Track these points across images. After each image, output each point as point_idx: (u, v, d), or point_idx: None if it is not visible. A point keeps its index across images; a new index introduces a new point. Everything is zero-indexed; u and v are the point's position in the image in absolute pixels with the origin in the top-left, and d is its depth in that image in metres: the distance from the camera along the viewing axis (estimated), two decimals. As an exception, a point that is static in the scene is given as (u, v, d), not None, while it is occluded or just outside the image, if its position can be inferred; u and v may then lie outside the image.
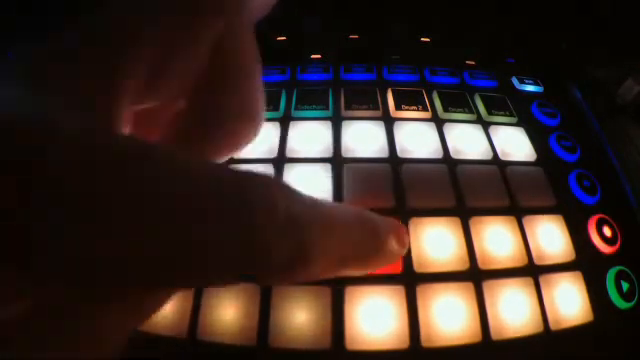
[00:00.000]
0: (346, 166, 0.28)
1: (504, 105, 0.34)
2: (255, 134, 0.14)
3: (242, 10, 0.13)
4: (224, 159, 0.14)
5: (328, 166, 0.28)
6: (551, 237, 0.27)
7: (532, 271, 0.25)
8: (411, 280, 0.24)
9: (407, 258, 0.24)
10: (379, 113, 0.32)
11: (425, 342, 0.22)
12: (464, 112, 0.33)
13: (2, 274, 0.07)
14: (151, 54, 0.11)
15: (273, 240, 0.09)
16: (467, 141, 0.31)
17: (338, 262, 0.10)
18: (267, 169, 0.28)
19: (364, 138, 0.30)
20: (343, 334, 0.22)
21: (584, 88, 0.35)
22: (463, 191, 0.27)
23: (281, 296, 0.23)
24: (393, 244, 0.12)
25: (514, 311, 0.24)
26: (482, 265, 0.25)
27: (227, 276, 0.09)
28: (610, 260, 0.27)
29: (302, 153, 0.29)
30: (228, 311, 0.23)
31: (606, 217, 0.28)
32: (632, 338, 0.25)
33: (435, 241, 0.25)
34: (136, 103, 0.11)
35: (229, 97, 0.13)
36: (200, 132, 0.13)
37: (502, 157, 0.30)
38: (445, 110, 0.33)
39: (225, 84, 0.13)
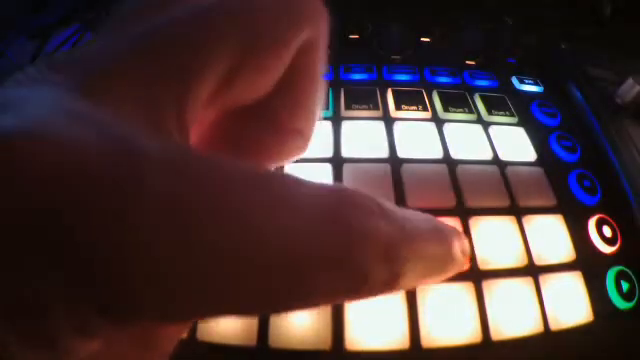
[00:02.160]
0: (346, 166, 0.28)
1: (504, 105, 0.34)
2: (301, 153, 0.13)
3: (326, 26, 0.12)
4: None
5: (328, 166, 0.28)
6: (551, 237, 0.27)
7: (532, 271, 0.25)
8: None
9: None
10: (379, 113, 0.32)
11: (425, 342, 0.22)
12: (464, 112, 0.33)
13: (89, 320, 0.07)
14: (230, 58, 0.09)
15: (373, 268, 0.08)
16: (467, 141, 0.31)
17: (419, 278, 0.10)
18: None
19: (364, 138, 0.30)
20: (343, 334, 0.22)
21: (584, 88, 0.35)
22: (463, 191, 0.27)
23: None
24: (459, 254, 0.11)
25: (514, 311, 0.24)
26: (482, 265, 0.25)
27: (318, 301, 0.08)
28: (610, 260, 0.27)
29: (302, 153, 0.29)
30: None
31: (606, 217, 0.28)
32: (632, 338, 0.25)
33: (435, 241, 0.25)
34: (205, 108, 0.10)
35: (293, 112, 0.12)
36: (254, 142, 0.12)
37: (502, 157, 0.30)
38: (445, 110, 0.32)
39: (292, 97, 0.12)
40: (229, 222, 0.07)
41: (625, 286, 0.26)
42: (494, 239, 0.26)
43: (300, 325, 0.22)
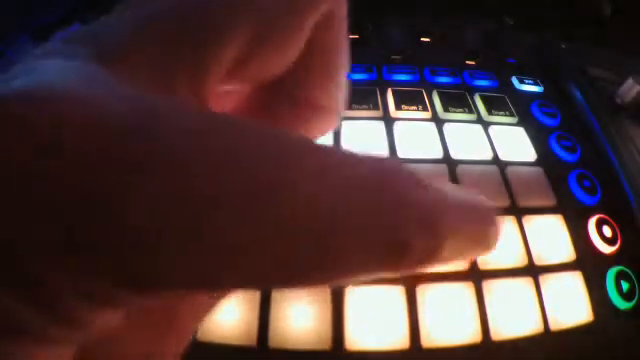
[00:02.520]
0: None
1: (504, 105, 0.34)
2: (330, 129, 0.13)
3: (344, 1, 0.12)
4: None
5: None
6: (551, 237, 0.27)
7: (532, 271, 0.25)
8: (411, 280, 0.24)
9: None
10: (379, 113, 0.32)
11: (425, 342, 0.22)
12: (464, 112, 0.33)
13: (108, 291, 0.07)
14: (247, 32, 0.09)
15: (411, 240, 0.08)
16: (467, 141, 0.31)
17: (458, 254, 0.09)
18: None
19: (364, 138, 0.30)
20: (343, 334, 0.22)
21: (584, 88, 0.35)
22: (463, 191, 0.27)
23: (281, 296, 0.23)
24: (496, 234, 0.10)
25: (514, 311, 0.24)
26: (482, 265, 0.25)
27: (354, 274, 0.08)
28: (610, 260, 0.27)
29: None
30: (228, 312, 0.23)
31: (606, 217, 0.28)
32: (632, 338, 0.25)
33: (435, 241, 0.25)
34: (221, 84, 0.10)
35: (314, 87, 0.12)
36: (278, 116, 0.12)
37: (502, 157, 0.30)
38: (445, 110, 0.32)
39: (312, 72, 0.12)
40: (230, 224, 0.07)
41: (625, 286, 0.26)
42: (494, 239, 0.26)
43: (300, 325, 0.22)
